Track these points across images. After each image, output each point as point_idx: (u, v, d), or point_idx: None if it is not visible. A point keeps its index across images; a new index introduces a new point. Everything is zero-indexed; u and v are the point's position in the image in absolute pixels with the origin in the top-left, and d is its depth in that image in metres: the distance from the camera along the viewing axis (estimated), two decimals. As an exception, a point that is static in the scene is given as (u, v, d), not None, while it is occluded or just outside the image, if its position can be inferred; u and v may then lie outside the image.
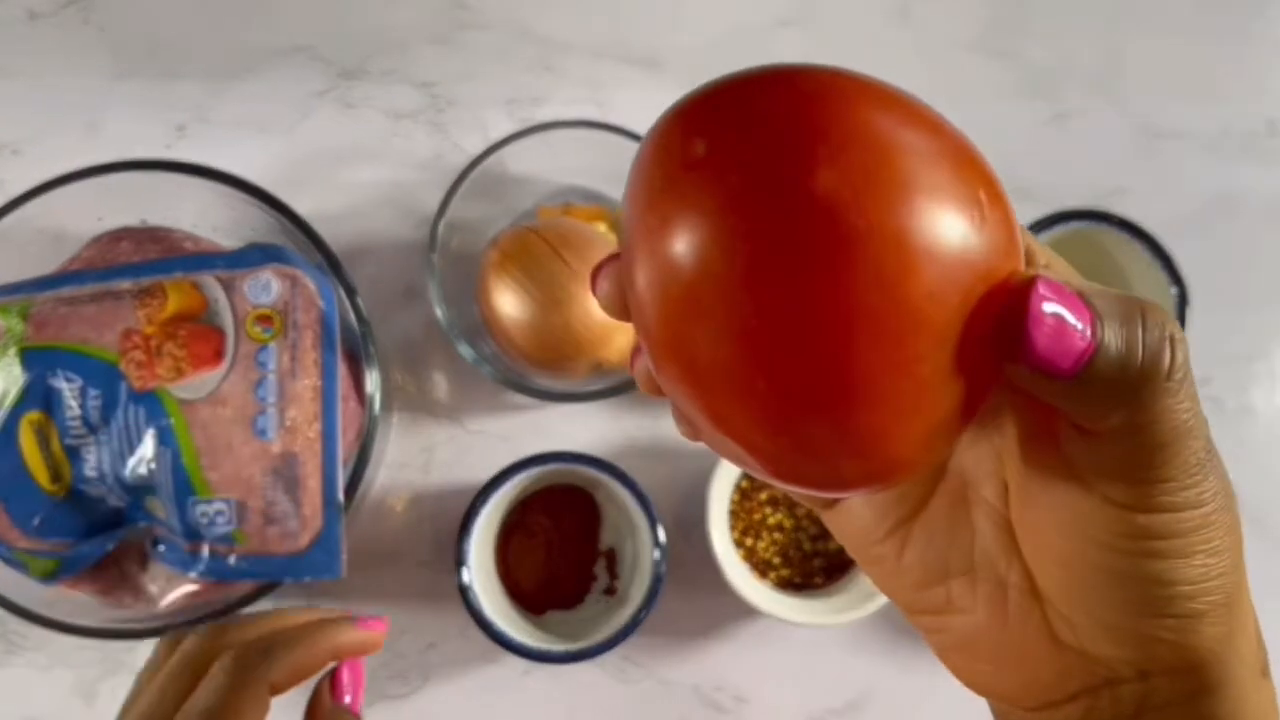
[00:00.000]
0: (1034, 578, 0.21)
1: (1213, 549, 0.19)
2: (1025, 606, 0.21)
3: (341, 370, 0.48)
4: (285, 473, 0.46)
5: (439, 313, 0.50)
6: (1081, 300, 0.18)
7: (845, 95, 0.17)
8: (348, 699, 0.36)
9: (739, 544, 0.54)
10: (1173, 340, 0.18)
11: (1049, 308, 0.17)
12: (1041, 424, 0.20)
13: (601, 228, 0.54)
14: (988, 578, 0.22)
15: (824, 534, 0.55)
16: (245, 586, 0.47)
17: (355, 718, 0.36)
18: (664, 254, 0.17)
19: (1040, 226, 0.53)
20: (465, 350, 0.50)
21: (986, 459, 0.22)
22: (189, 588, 0.48)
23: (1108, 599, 0.20)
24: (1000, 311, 0.17)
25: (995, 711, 0.24)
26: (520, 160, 0.54)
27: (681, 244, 0.17)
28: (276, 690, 0.34)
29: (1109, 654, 0.20)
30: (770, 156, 0.17)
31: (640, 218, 0.18)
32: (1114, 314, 0.18)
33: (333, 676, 0.36)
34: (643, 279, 0.18)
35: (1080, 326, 0.17)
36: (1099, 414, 0.18)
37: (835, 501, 0.24)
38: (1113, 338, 0.17)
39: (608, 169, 0.54)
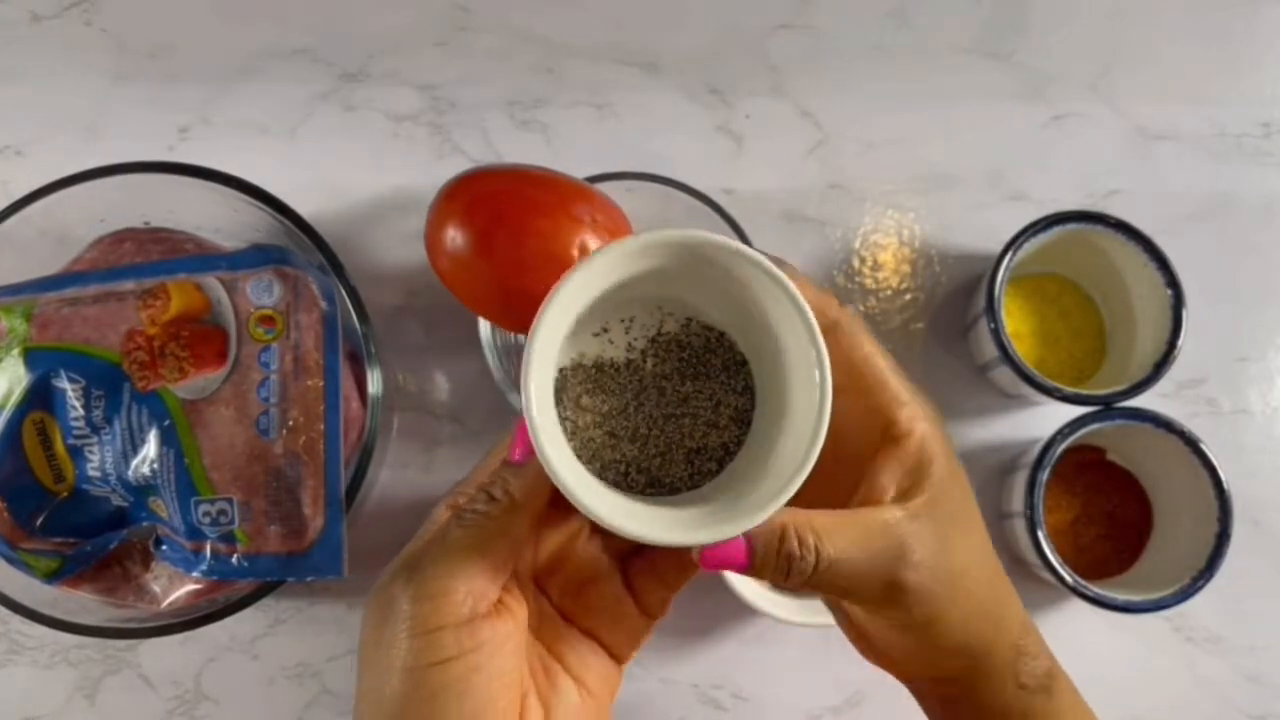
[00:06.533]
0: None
1: (920, 625, 0.34)
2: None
3: (344, 371, 0.48)
4: (288, 472, 0.46)
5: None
6: (742, 540, 0.32)
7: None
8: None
9: (738, 543, 0.55)
10: (790, 553, 0.31)
11: (713, 559, 0.32)
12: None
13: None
14: None
15: (823, 533, 0.55)
16: (247, 585, 0.47)
17: None
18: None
19: (1037, 229, 0.53)
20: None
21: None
22: (191, 587, 0.48)
23: (889, 649, 0.37)
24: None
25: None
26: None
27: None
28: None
29: (905, 669, 0.37)
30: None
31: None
32: (759, 534, 0.31)
33: None
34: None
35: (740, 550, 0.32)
36: (780, 583, 0.32)
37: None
38: (759, 550, 0.32)
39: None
